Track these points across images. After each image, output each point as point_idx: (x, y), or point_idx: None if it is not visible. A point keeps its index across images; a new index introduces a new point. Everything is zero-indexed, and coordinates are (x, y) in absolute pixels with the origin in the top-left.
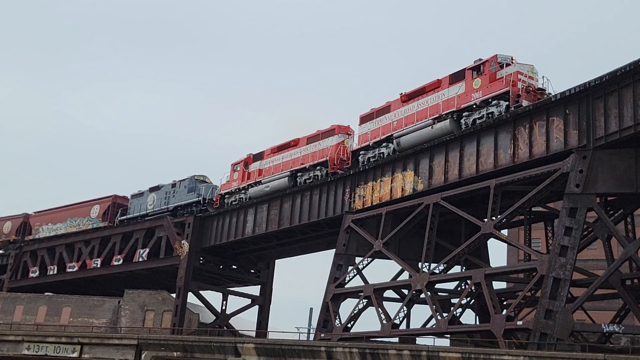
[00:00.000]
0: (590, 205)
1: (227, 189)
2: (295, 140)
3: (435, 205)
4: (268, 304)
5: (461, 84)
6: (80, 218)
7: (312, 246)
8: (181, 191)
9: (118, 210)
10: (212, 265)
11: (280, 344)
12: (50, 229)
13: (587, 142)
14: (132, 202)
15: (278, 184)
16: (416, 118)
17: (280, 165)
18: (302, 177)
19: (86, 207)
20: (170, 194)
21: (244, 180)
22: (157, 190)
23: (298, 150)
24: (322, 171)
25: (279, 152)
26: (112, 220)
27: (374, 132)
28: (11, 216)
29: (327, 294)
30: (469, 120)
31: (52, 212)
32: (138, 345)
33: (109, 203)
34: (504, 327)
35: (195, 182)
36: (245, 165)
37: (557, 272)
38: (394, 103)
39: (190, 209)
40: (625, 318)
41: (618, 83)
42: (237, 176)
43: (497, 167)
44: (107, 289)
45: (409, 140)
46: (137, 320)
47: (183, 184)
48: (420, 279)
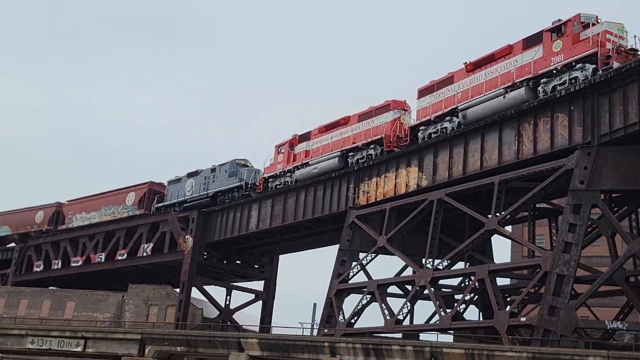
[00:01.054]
0: (595, 202)
1: (271, 172)
2: (346, 119)
3: (439, 201)
4: (272, 299)
5: (537, 48)
6: (115, 206)
7: (316, 241)
8: (221, 176)
9: (154, 197)
10: (216, 260)
11: (284, 339)
12: (84, 217)
13: (591, 139)
14: (169, 188)
15: (327, 165)
16: (485, 88)
17: (330, 145)
18: (354, 157)
19: (121, 194)
20: (210, 179)
21: (289, 162)
22: (195, 176)
23: (349, 129)
24: (376, 150)
25: (327, 132)
26: (149, 207)
27: (435, 105)
28: (44, 205)
29: (330, 290)
30: (548, 87)
31: (86, 201)
32: (142, 339)
33: (144, 190)
34: (508, 324)
35: (237, 166)
36: (290, 147)
37: (561, 268)
38: (458, 73)
39: (232, 194)
40: (629, 315)
41: (623, 80)
42: (281, 158)
43: (502, 164)
44: (111, 283)
45: (477, 113)
46: (140, 315)
47: (223, 169)
48: (424, 275)
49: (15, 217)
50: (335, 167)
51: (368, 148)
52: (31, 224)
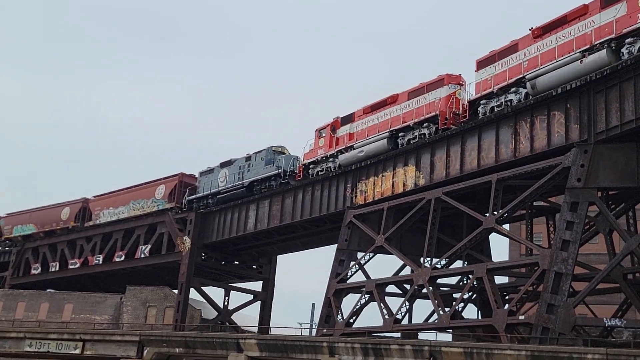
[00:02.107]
0: (592, 200)
1: (312, 157)
2: (394, 97)
3: (437, 200)
4: (270, 299)
5: (620, 5)
6: (144, 200)
7: (314, 241)
8: (257, 164)
9: (186, 189)
10: (214, 261)
11: (283, 339)
12: (111, 213)
13: (588, 137)
14: (200, 180)
15: (375, 147)
16: (557, 53)
17: (377, 126)
18: (404, 138)
19: (150, 188)
20: (245, 169)
21: (331, 146)
22: (229, 166)
23: (398, 108)
24: (430, 128)
25: (373, 112)
26: (180, 200)
27: (498, 76)
28: (69, 202)
29: (329, 290)
30: (634, 47)
31: (113, 196)
32: (140, 341)
33: (175, 182)
34: (506, 322)
35: (273, 154)
36: (332, 130)
37: (559, 266)
38: (523, 40)
39: (269, 183)
40: (627, 312)
41: (619, 77)
42: (323, 143)
43: (499, 162)
44: (109, 285)
45: (549, 81)
46: (139, 317)
47: (259, 157)
48: (422, 274)
49: (41, 214)
50: (384, 149)
51: (420, 127)
52: (57, 221)
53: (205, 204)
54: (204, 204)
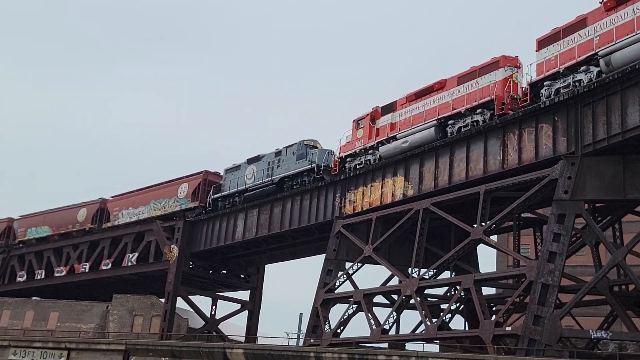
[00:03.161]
0: (579, 212)
1: (349, 150)
2: (441, 82)
3: (425, 210)
4: (258, 309)
5: None
6: (166, 199)
7: (302, 251)
8: (288, 159)
9: (210, 187)
10: (201, 270)
11: (270, 349)
12: (131, 213)
13: (575, 149)
14: (226, 177)
15: (421, 137)
16: (636, 26)
17: (423, 115)
18: (454, 126)
19: (172, 186)
20: (274, 164)
21: (371, 137)
22: (257, 162)
23: (446, 94)
24: (484, 115)
25: (417, 100)
26: (204, 199)
27: (564, 55)
28: (86, 202)
29: (316, 299)
30: None
31: (133, 195)
32: (126, 350)
33: (199, 180)
34: (493, 333)
35: (305, 148)
36: (372, 120)
37: (546, 278)
38: (593, 14)
39: (301, 178)
40: (613, 324)
41: (606, 90)
42: (361, 134)
43: (487, 173)
44: (96, 293)
45: (627, 56)
46: (125, 325)
47: (290, 151)
48: (410, 285)
49: (56, 216)
50: (430, 139)
51: (473, 114)
52: (73, 223)
53: (232, 202)
54: (230, 202)
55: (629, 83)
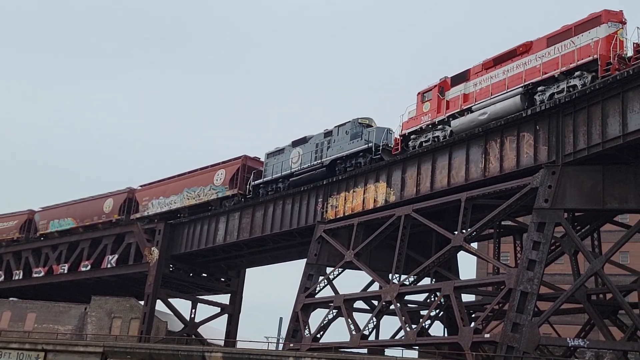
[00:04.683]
0: (558, 221)
1: (414, 126)
2: (526, 45)
3: (407, 217)
4: (238, 312)
5: None
6: (201, 187)
7: (283, 255)
8: (341, 139)
9: (250, 173)
10: (182, 272)
11: (249, 353)
12: (162, 203)
13: (556, 158)
14: (268, 162)
15: (503, 107)
16: None
17: (505, 82)
18: (545, 93)
19: (208, 173)
20: (324, 146)
21: (440, 111)
22: (303, 144)
23: (534, 57)
24: (583, 78)
25: (497, 67)
26: (243, 186)
27: None
28: (113, 192)
29: (297, 304)
30: None
31: (164, 184)
32: (103, 352)
33: (237, 166)
34: (472, 340)
35: (360, 127)
36: (440, 92)
37: (525, 285)
38: None
39: (356, 160)
40: (590, 332)
41: (588, 100)
42: (428, 108)
43: (468, 181)
44: (74, 295)
45: None
46: (103, 328)
47: (343, 130)
48: (390, 290)
49: (80, 207)
50: (514, 109)
51: (569, 78)
52: (98, 215)
53: (275, 189)
54: (272, 188)
55: (610, 94)
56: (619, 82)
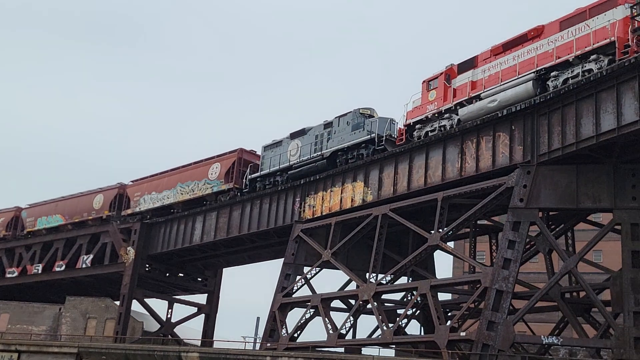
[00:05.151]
0: (533, 220)
1: (419, 115)
2: (538, 29)
3: (384, 216)
4: (214, 312)
5: None
6: (195, 182)
7: (260, 255)
8: (341, 131)
9: (246, 167)
10: (158, 272)
11: (225, 353)
12: (154, 198)
13: (531, 158)
14: (265, 155)
15: (515, 93)
16: None
17: (515, 68)
18: (558, 78)
19: (202, 167)
20: (324, 137)
21: (447, 99)
22: (301, 136)
23: (546, 42)
24: (600, 61)
25: (507, 52)
26: (239, 180)
27: None
28: (103, 188)
29: (274, 303)
30: None
31: (156, 179)
32: (78, 353)
33: (233, 159)
34: (448, 338)
35: (362, 117)
36: (447, 80)
37: (500, 284)
38: None
39: (358, 151)
40: (564, 330)
41: (562, 101)
42: (434, 96)
43: (445, 180)
44: (49, 295)
45: None
46: (78, 328)
47: (344, 121)
48: (367, 290)
49: (69, 203)
50: (527, 95)
51: (584, 62)
52: (88, 211)
53: (273, 182)
54: (270, 182)
55: (584, 94)
56: (592, 84)
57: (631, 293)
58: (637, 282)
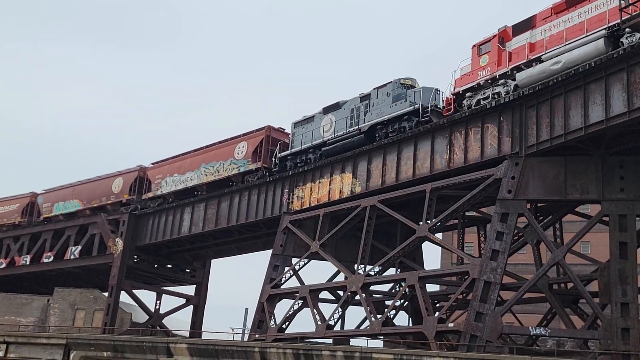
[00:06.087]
0: (521, 211)
1: (470, 82)
2: None
3: (372, 207)
4: (203, 304)
5: None
6: (220, 162)
7: (249, 246)
8: (381, 102)
9: (275, 145)
10: (146, 264)
11: (214, 344)
12: (177, 181)
13: (519, 150)
14: (295, 132)
15: (583, 53)
16: None
17: (582, 25)
18: (634, 34)
19: (228, 146)
20: (360, 111)
21: (501, 64)
22: (335, 110)
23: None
24: None
25: (570, 9)
26: (267, 159)
27: None
28: (122, 171)
29: (262, 295)
30: None
31: (179, 160)
32: (67, 344)
33: (261, 137)
34: (436, 329)
35: (403, 87)
36: (501, 43)
37: (488, 275)
38: None
39: (399, 124)
40: (551, 321)
41: (550, 93)
42: (486, 61)
43: (433, 172)
44: (37, 287)
45: None
46: (66, 319)
47: (383, 92)
48: (356, 281)
49: (86, 188)
50: (596, 54)
51: None
52: (107, 195)
53: (305, 160)
54: (302, 159)
55: (572, 86)
56: (581, 75)
57: (618, 284)
58: (624, 274)
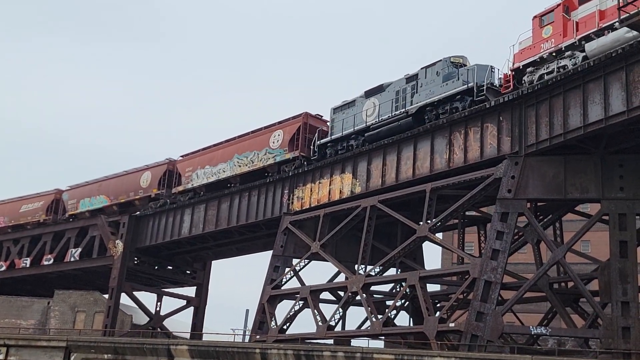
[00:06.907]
0: (521, 210)
1: (532, 56)
2: None
3: (372, 207)
4: (203, 305)
5: None
6: (255, 152)
7: (249, 247)
8: (430, 83)
9: (312, 133)
10: (147, 265)
11: (215, 345)
12: (208, 173)
13: (519, 149)
14: (335, 117)
15: None
16: None
17: None
18: None
19: (262, 135)
20: (407, 92)
21: (567, 35)
22: (379, 93)
23: None
24: None
25: None
26: (305, 148)
27: None
28: (150, 165)
29: (263, 296)
30: None
31: (210, 151)
32: (67, 347)
33: (297, 125)
34: (437, 329)
35: (454, 66)
36: (566, 12)
37: (489, 275)
38: None
39: (452, 105)
40: (552, 320)
41: (550, 92)
42: (549, 32)
43: (433, 172)
44: (37, 289)
45: None
46: (67, 322)
47: (432, 72)
48: (356, 281)
49: (113, 183)
50: None
51: None
52: (135, 190)
53: (347, 147)
54: (343, 146)
55: (571, 85)
56: (580, 74)
57: (619, 283)
58: (624, 272)
